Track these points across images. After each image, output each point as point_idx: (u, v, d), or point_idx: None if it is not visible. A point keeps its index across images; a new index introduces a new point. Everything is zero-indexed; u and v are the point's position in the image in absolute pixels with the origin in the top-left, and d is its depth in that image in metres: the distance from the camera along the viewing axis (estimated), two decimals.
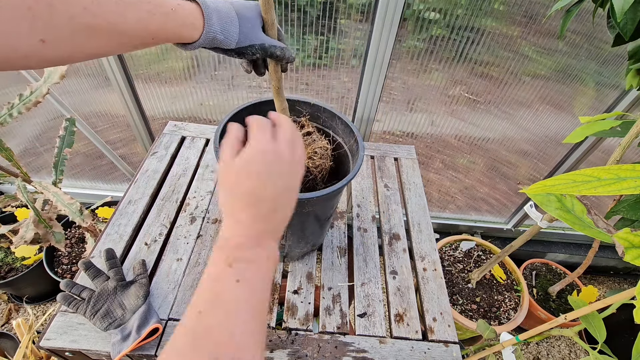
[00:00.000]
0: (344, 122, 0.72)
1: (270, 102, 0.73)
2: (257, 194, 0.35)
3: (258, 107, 0.73)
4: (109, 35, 0.33)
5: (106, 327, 0.60)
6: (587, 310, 0.62)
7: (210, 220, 0.83)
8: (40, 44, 0.28)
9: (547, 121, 1.27)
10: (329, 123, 0.75)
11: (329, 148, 0.71)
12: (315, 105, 0.75)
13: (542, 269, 1.60)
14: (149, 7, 0.35)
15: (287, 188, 0.37)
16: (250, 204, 0.35)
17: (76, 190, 1.61)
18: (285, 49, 0.50)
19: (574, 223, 0.57)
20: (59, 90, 1.23)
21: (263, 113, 0.74)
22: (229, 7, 0.45)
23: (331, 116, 0.74)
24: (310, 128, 0.73)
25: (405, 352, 0.65)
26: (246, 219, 0.35)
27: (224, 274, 0.32)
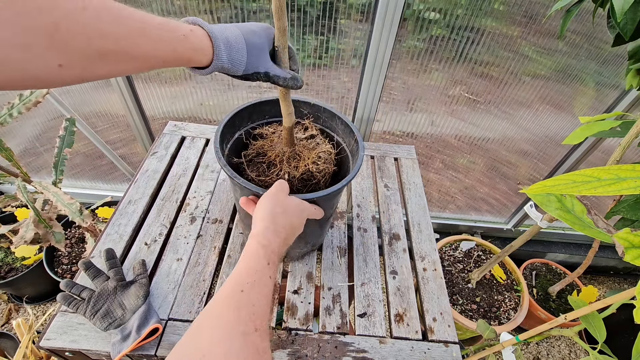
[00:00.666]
0: (344, 122, 0.72)
1: (269, 102, 0.73)
2: (294, 228, 0.54)
3: (258, 107, 0.73)
4: (123, 60, 0.34)
5: (106, 327, 0.60)
6: (587, 310, 0.62)
7: (210, 220, 0.83)
8: (58, 69, 0.29)
9: (547, 121, 1.27)
10: (329, 123, 0.76)
11: (333, 152, 0.71)
12: (316, 106, 0.75)
13: (542, 269, 1.60)
14: (162, 33, 0.36)
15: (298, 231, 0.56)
16: (289, 230, 0.52)
17: (76, 190, 1.61)
18: (288, 79, 0.52)
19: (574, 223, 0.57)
20: (59, 90, 1.23)
21: (264, 113, 0.74)
22: (238, 35, 0.46)
23: (331, 116, 0.74)
24: (314, 131, 0.73)
25: (405, 352, 0.65)
26: (284, 236, 0.51)
27: (263, 269, 0.44)
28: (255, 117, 0.74)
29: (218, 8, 1.01)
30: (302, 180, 0.66)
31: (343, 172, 0.73)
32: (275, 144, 0.69)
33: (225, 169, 0.58)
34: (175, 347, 0.35)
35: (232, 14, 1.02)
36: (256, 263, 0.44)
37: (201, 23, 0.43)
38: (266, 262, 0.45)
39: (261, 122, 0.75)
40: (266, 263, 0.45)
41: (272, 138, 0.70)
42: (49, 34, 0.27)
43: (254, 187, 0.56)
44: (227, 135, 0.68)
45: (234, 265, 0.76)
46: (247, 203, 0.58)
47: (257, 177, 0.66)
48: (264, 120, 0.75)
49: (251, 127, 0.74)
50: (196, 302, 0.69)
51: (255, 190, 0.56)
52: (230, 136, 0.70)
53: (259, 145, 0.69)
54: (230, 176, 0.57)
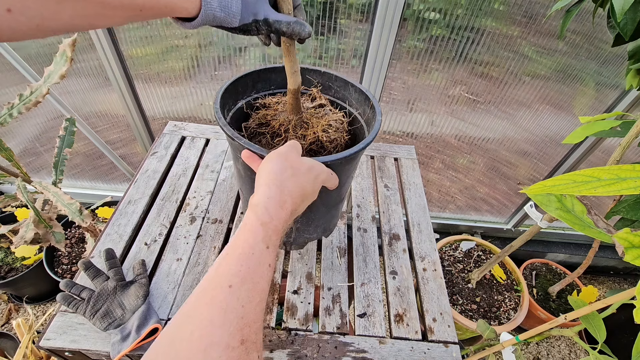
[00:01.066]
0: (358, 90, 0.65)
1: (276, 69, 0.66)
2: (306, 196, 0.44)
3: (264, 75, 0.67)
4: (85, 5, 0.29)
5: (106, 327, 0.60)
6: (587, 310, 0.62)
7: (210, 220, 0.83)
8: (7, 14, 0.25)
9: (547, 121, 1.27)
10: (342, 93, 0.69)
11: (345, 121, 0.64)
12: (326, 74, 0.68)
13: (542, 269, 1.59)
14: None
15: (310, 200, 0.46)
16: (299, 198, 0.42)
17: (76, 190, 1.61)
18: (292, 24, 0.44)
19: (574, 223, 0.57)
20: (59, 90, 1.23)
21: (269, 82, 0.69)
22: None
23: (344, 85, 0.67)
24: (322, 100, 0.66)
25: (405, 353, 0.65)
26: (289, 207, 0.41)
27: (261, 255, 0.36)
28: (261, 86, 0.67)
29: None
30: (310, 151, 0.59)
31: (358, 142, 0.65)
32: (279, 112, 0.61)
33: (225, 128, 0.51)
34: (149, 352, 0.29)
35: None
36: (252, 247, 0.36)
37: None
38: (264, 245, 0.36)
39: (266, 93, 0.68)
40: (264, 247, 0.36)
41: (275, 107, 0.62)
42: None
43: (258, 148, 0.49)
44: (228, 101, 0.61)
45: None
46: (252, 157, 0.48)
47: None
48: (269, 90, 0.68)
49: (255, 97, 0.67)
50: None
51: (260, 152, 0.48)
52: (233, 103, 0.63)
53: (262, 115, 0.62)
54: (230, 136, 0.50)
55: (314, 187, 0.45)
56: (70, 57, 0.84)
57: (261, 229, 0.37)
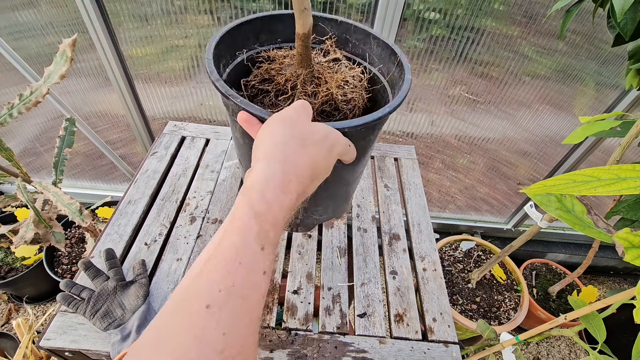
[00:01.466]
0: (382, 44, 0.55)
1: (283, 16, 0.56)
2: (318, 172, 0.33)
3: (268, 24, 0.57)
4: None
5: (106, 327, 0.60)
6: (587, 310, 0.62)
7: (210, 220, 0.83)
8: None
9: (547, 121, 1.27)
10: (361, 48, 0.58)
11: (364, 78, 0.55)
12: (344, 24, 0.57)
13: (542, 269, 1.59)
14: None
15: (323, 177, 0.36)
16: (309, 176, 0.32)
17: (76, 190, 1.61)
18: None
19: (574, 223, 0.57)
20: (59, 90, 1.23)
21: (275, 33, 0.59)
22: None
23: (364, 37, 0.57)
24: (337, 54, 0.56)
25: (405, 353, 0.65)
26: (295, 190, 0.31)
27: (254, 259, 0.27)
28: (265, 38, 0.57)
29: (218, 8, 1.01)
30: (322, 113, 0.49)
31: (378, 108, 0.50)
32: (286, 66, 0.51)
33: (218, 84, 0.43)
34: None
35: (232, 14, 1.02)
36: (241, 251, 0.27)
37: None
38: (258, 246, 0.27)
39: (272, 46, 0.58)
40: (258, 248, 0.27)
41: (282, 61, 0.53)
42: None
43: (258, 109, 0.39)
44: (225, 54, 0.51)
45: None
46: (250, 121, 0.39)
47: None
48: (275, 43, 0.58)
49: (258, 51, 0.57)
50: None
51: (260, 115, 0.39)
52: (230, 58, 0.53)
53: (265, 70, 0.52)
54: (225, 94, 0.42)
55: (328, 161, 0.35)
56: (70, 57, 0.84)
57: (254, 223, 0.28)
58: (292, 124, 0.34)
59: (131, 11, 1.02)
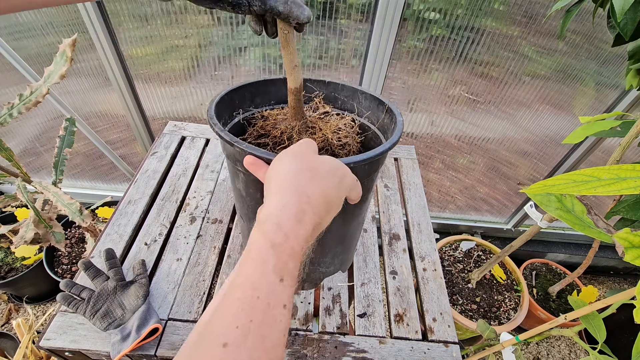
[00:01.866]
0: (369, 97, 0.59)
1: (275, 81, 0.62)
2: (330, 203, 0.33)
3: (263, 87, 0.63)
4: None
5: (106, 327, 0.60)
6: (587, 310, 0.62)
7: (210, 220, 0.83)
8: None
9: (547, 121, 1.27)
10: (350, 103, 0.63)
11: (355, 125, 0.60)
12: (332, 84, 0.62)
13: (542, 269, 1.59)
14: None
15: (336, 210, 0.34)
16: (322, 206, 0.31)
17: (76, 190, 1.61)
18: (291, 3, 0.38)
19: (574, 223, 0.57)
20: (59, 90, 1.23)
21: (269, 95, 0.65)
22: None
23: (352, 94, 0.62)
24: (327, 108, 0.62)
25: (405, 352, 0.65)
26: (311, 220, 0.30)
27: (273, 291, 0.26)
28: (259, 100, 0.62)
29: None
30: None
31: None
32: (279, 121, 0.56)
33: (223, 133, 0.44)
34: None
35: (232, 14, 1.02)
36: (258, 284, 0.26)
37: None
38: (277, 277, 0.26)
39: (266, 108, 0.63)
40: (277, 279, 0.26)
41: (275, 118, 0.57)
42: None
43: (264, 152, 0.40)
44: (224, 113, 0.56)
45: (234, 265, 0.75)
46: (257, 164, 0.39)
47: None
48: (269, 105, 0.63)
49: (253, 112, 0.62)
50: (196, 302, 0.69)
51: (266, 157, 0.40)
52: (229, 117, 0.58)
53: (260, 126, 0.56)
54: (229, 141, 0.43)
55: (339, 193, 0.35)
56: (70, 57, 0.84)
57: (272, 254, 0.27)
58: (302, 157, 0.34)
59: (131, 11, 1.03)
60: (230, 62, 1.14)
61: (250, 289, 0.25)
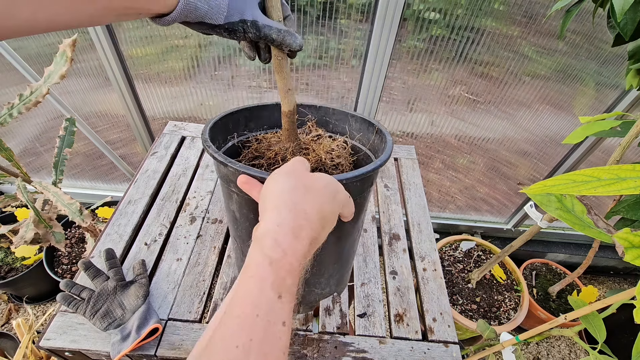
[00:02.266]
0: (359, 119, 0.62)
1: (268, 107, 0.64)
2: (325, 219, 0.33)
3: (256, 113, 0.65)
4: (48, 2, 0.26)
5: (106, 327, 0.60)
6: (587, 310, 0.62)
7: (210, 220, 0.83)
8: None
9: (547, 121, 1.27)
10: (341, 126, 0.66)
11: (348, 146, 0.62)
12: (323, 108, 0.64)
13: (542, 269, 1.59)
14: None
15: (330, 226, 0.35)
16: (317, 222, 0.32)
17: (76, 190, 1.61)
18: (284, 32, 0.40)
19: (574, 223, 0.57)
20: (59, 90, 1.23)
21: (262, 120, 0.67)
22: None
23: (343, 117, 0.65)
24: (319, 131, 0.64)
25: (405, 353, 0.65)
26: (308, 235, 0.31)
27: (272, 309, 0.26)
28: (253, 125, 0.64)
29: None
30: None
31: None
32: (273, 143, 0.58)
33: (216, 154, 0.44)
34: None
35: None
36: (257, 302, 0.26)
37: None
38: (275, 294, 0.26)
39: (259, 132, 0.66)
40: (275, 296, 0.26)
41: (269, 140, 0.60)
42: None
43: (258, 171, 0.41)
44: (218, 137, 0.58)
45: (234, 265, 0.76)
46: (250, 183, 0.39)
47: None
48: (261, 130, 0.66)
49: (247, 137, 0.64)
50: (196, 302, 0.69)
51: (260, 176, 0.40)
52: (223, 141, 0.60)
53: (254, 148, 0.59)
54: (222, 162, 0.43)
55: (333, 208, 0.35)
56: (70, 57, 0.84)
57: (270, 271, 0.27)
58: (295, 175, 0.35)
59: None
60: (230, 62, 1.14)
61: (249, 307, 0.25)
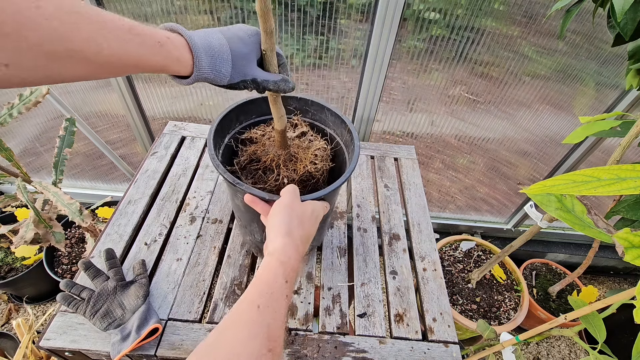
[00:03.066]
0: (334, 114, 0.71)
1: (254, 101, 0.72)
2: (310, 237, 0.52)
3: (245, 107, 0.72)
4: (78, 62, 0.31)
5: (106, 327, 0.60)
6: (587, 310, 0.61)
7: (210, 220, 0.83)
8: (4, 69, 0.27)
9: (547, 121, 1.27)
10: (319, 116, 0.75)
11: (328, 148, 0.70)
12: (303, 99, 0.73)
13: (542, 269, 1.59)
14: (129, 37, 0.34)
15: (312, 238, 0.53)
16: (306, 242, 0.50)
17: (76, 190, 1.60)
18: (279, 82, 0.49)
19: (574, 223, 0.57)
20: (59, 90, 1.23)
21: (250, 112, 0.73)
22: (222, 44, 0.43)
23: (320, 108, 0.73)
24: (304, 127, 0.72)
25: (405, 352, 0.65)
26: (302, 250, 0.48)
27: (280, 288, 0.42)
28: (243, 118, 0.72)
29: (218, 8, 1.01)
30: (301, 181, 0.65)
31: (339, 164, 0.73)
32: (267, 147, 0.67)
33: (226, 175, 0.56)
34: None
35: (232, 14, 1.02)
36: (274, 281, 0.42)
37: (181, 30, 0.40)
38: (284, 280, 0.43)
39: (249, 123, 0.73)
40: (284, 281, 0.43)
41: (263, 142, 0.68)
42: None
43: (259, 192, 0.54)
44: (218, 141, 0.66)
45: (234, 265, 0.76)
46: (254, 201, 0.54)
47: (255, 185, 0.64)
48: (251, 120, 0.73)
49: (239, 129, 0.72)
50: (196, 302, 0.69)
51: (261, 196, 0.54)
52: (221, 141, 0.68)
53: (251, 151, 0.67)
54: (232, 183, 0.55)
55: (315, 226, 0.53)
56: None
57: (281, 268, 0.43)
58: (292, 209, 0.50)
59: (131, 11, 1.02)
60: None
61: (271, 282, 0.42)
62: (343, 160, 0.71)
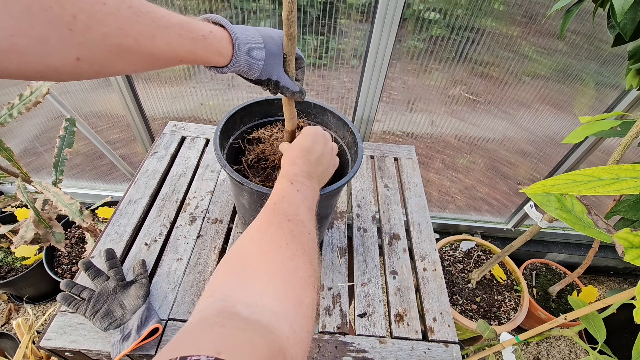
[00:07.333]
0: (336, 116, 0.72)
1: (259, 103, 0.74)
2: (308, 149, 0.54)
3: (249, 109, 0.73)
4: (140, 57, 0.34)
5: (106, 327, 0.60)
6: (587, 310, 0.62)
7: (210, 220, 0.83)
8: (75, 62, 0.29)
9: (547, 121, 1.27)
10: (321, 118, 0.76)
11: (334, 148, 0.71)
12: (305, 102, 0.75)
13: (542, 269, 1.60)
14: (181, 32, 0.36)
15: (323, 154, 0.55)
16: (303, 155, 0.52)
17: (76, 190, 1.60)
18: (297, 93, 0.53)
19: (574, 223, 0.57)
20: (59, 90, 1.23)
21: (254, 114, 0.75)
22: (259, 41, 0.46)
23: (322, 111, 0.75)
24: None
25: (405, 352, 0.65)
26: (302, 163, 0.51)
27: (288, 187, 0.45)
28: (247, 119, 0.74)
29: (218, 8, 1.01)
30: None
31: (341, 165, 0.73)
32: (275, 147, 0.69)
33: (234, 175, 0.57)
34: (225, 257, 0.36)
35: (232, 14, 1.02)
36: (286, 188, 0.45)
37: (224, 23, 0.43)
38: (295, 189, 0.45)
39: (253, 124, 0.75)
40: (295, 190, 0.45)
41: (271, 142, 0.70)
42: (67, 27, 0.27)
43: (267, 190, 0.56)
44: (223, 142, 0.68)
45: None
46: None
47: (263, 183, 0.65)
48: (255, 121, 0.75)
49: (244, 130, 0.74)
50: (196, 302, 0.69)
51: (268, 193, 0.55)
52: (226, 142, 0.69)
53: (260, 150, 0.69)
54: (240, 182, 0.56)
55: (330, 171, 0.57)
56: None
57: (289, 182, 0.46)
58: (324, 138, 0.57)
59: None
60: None
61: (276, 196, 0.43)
62: (345, 161, 0.71)
